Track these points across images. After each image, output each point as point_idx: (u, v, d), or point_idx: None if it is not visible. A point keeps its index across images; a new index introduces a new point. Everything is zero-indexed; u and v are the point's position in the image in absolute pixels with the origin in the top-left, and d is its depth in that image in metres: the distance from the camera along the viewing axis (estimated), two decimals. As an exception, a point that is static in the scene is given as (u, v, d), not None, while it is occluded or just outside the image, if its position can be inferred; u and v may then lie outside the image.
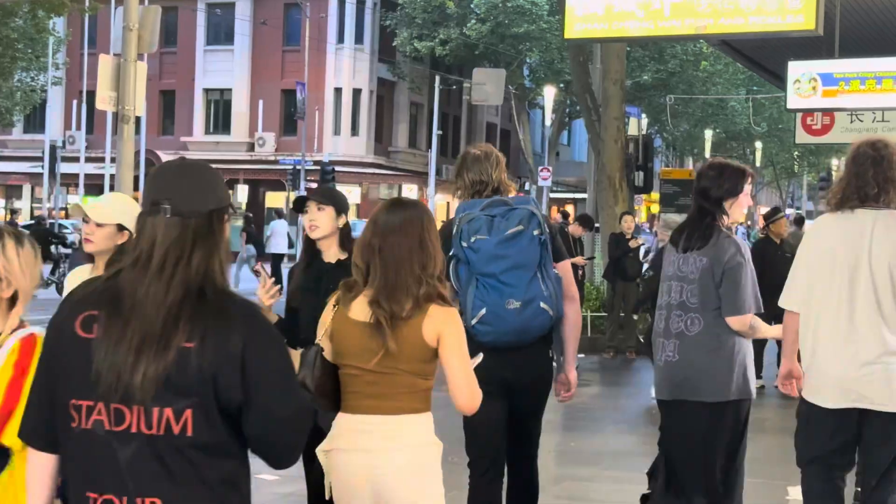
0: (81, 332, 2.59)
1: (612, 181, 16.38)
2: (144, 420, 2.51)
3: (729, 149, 66.37)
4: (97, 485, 2.55)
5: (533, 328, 4.98)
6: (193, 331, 2.51)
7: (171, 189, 2.61)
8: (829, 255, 4.91)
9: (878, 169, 4.84)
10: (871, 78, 12.87)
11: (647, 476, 5.96)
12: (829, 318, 4.88)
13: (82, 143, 46.84)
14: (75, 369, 2.57)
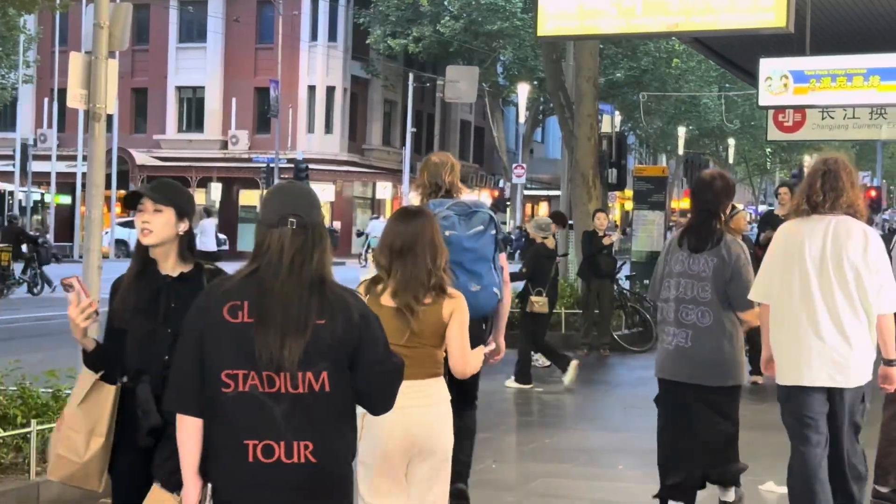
0: (229, 317, 3.35)
1: (586, 178, 16.41)
2: (291, 383, 3.31)
3: (702, 146, 66.67)
4: (256, 433, 3.29)
5: (485, 307, 6.07)
6: (322, 311, 3.35)
7: (295, 206, 3.44)
8: (796, 255, 5.66)
9: (825, 180, 5.64)
10: (841, 75, 12.94)
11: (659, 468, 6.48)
12: (798, 308, 5.64)
13: (54, 141, 46.56)
14: (226, 346, 3.33)
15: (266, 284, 3.38)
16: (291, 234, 3.42)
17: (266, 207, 3.52)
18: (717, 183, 6.24)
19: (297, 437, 3.31)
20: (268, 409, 3.31)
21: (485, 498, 7.03)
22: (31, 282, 24.69)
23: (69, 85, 8.31)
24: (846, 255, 5.58)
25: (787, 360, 5.73)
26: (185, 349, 3.43)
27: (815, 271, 5.62)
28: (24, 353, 10.75)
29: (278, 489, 3.31)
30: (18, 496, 6.16)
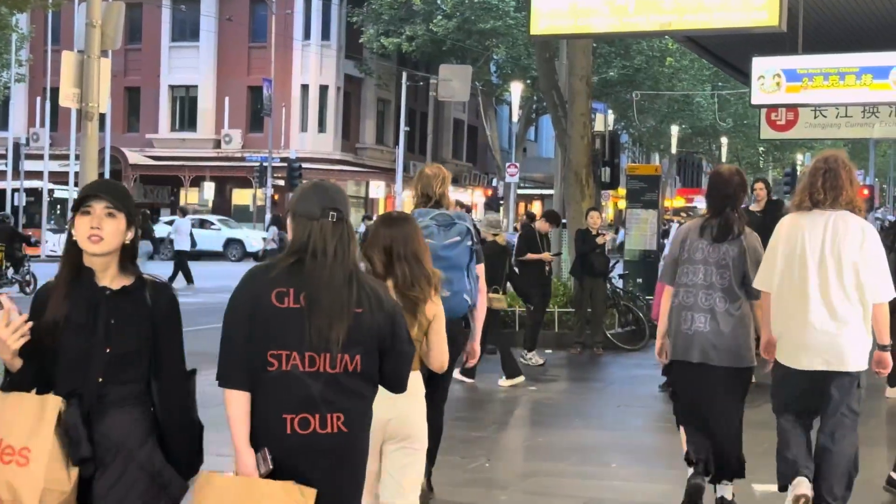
0: (276, 302, 3.66)
1: (579, 177, 16.41)
2: (329, 363, 3.67)
3: (695, 144, 66.73)
4: (294, 408, 3.64)
5: (456, 311, 6.47)
6: (360, 301, 3.70)
7: (333, 201, 3.75)
8: (797, 246, 6.09)
9: (826, 178, 6.08)
10: (834, 74, 12.96)
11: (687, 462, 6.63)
12: (800, 296, 6.07)
13: (46, 140, 46.45)
14: (273, 329, 3.65)
15: (315, 273, 3.69)
16: (332, 226, 3.73)
17: (306, 202, 3.78)
18: (735, 178, 6.64)
19: (330, 410, 3.68)
20: (306, 387, 3.66)
21: (478, 496, 7.04)
22: (23, 281, 24.65)
23: (61, 84, 8.31)
24: (844, 248, 5.99)
25: (786, 343, 6.19)
26: (234, 330, 3.73)
27: (814, 263, 6.03)
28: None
29: (313, 456, 3.66)
30: (11, 496, 6.15)
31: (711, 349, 6.41)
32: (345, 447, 3.73)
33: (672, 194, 71.23)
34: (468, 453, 8.24)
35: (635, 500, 7.18)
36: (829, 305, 6.03)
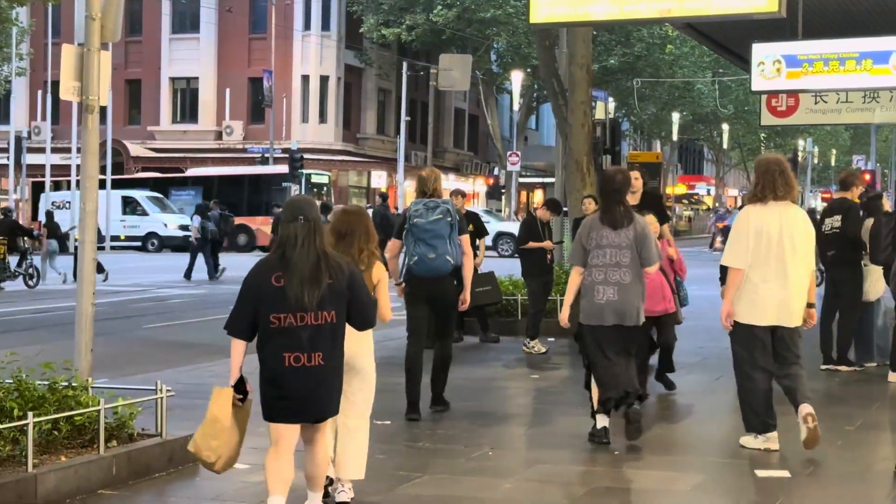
0: (274, 283, 5.60)
1: (580, 165, 16.40)
2: (313, 318, 5.59)
3: (696, 131, 66.67)
4: (290, 349, 5.57)
5: (441, 269, 9.07)
6: (330, 274, 5.61)
7: (302, 210, 5.69)
8: (763, 230, 7.79)
9: (784, 178, 7.89)
10: (834, 59, 12.96)
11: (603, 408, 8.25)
12: (765, 269, 7.79)
13: (48, 133, 46.45)
14: (273, 300, 5.59)
15: (291, 259, 5.61)
16: (301, 227, 5.65)
17: (285, 212, 5.74)
18: (618, 176, 8.46)
19: (313, 350, 5.60)
20: (297, 336, 5.59)
21: (481, 485, 7.06)
22: (26, 274, 24.68)
23: (62, 77, 8.30)
24: (795, 230, 7.84)
25: (746, 305, 7.86)
26: (244, 299, 5.69)
27: (776, 243, 7.78)
28: (20, 345, 10.76)
29: (303, 379, 5.62)
30: (16, 489, 6.18)
31: (621, 313, 8.12)
32: (323, 373, 5.66)
33: (674, 181, 71.16)
34: (471, 442, 8.26)
35: (638, 487, 7.20)
36: (785, 274, 7.78)
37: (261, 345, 5.66)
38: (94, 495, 6.64)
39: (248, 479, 7.15)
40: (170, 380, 8.62)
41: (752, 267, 7.77)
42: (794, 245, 7.79)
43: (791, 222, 7.83)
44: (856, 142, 76.33)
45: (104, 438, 6.87)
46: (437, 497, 6.80)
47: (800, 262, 7.79)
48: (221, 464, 5.87)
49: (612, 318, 8.11)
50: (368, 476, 6.71)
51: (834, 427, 8.93)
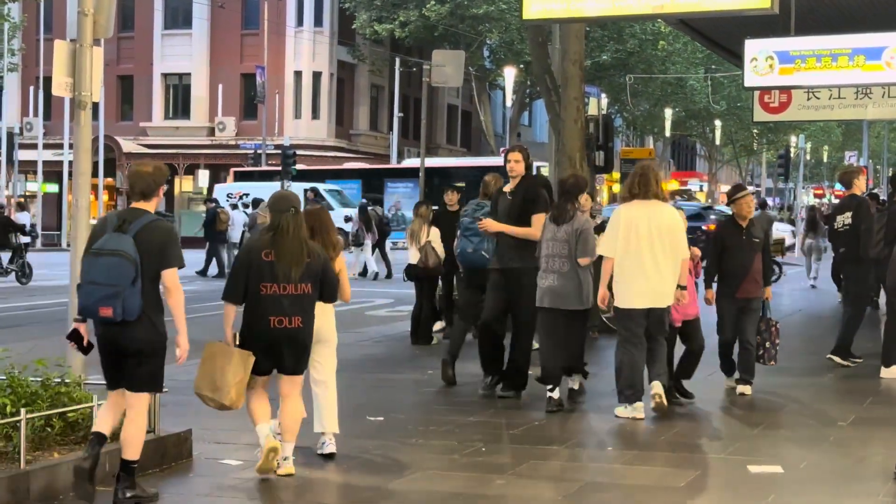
0: (264, 258, 6.93)
1: (573, 161, 16.38)
2: (294, 288, 6.95)
3: (688, 127, 66.67)
4: (275, 313, 6.90)
5: (476, 262, 10.71)
6: (309, 255, 7.02)
7: (291, 202, 7.11)
8: (632, 224, 9.06)
9: (641, 181, 9.15)
10: (826, 55, 12.97)
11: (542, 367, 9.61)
12: (636, 259, 9.02)
13: (40, 129, 46.37)
14: (263, 272, 6.93)
15: (282, 241, 7.00)
16: (291, 215, 7.06)
17: (277, 203, 7.14)
18: (569, 181, 9.83)
19: (293, 314, 6.98)
20: (281, 302, 6.95)
21: (474, 481, 7.07)
22: (19, 271, 24.64)
23: (54, 73, 8.29)
24: (661, 224, 9.04)
25: (624, 291, 9.07)
26: (238, 270, 7.07)
27: (644, 235, 8.99)
28: (12, 341, 10.74)
29: (285, 339, 6.99)
30: (9, 485, 6.17)
31: (561, 297, 9.34)
32: (301, 335, 7.07)
33: (666, 177, 71.17)
34: (464, 438, 8.27)
35: (631, 483, 7.21)
36: (655, 263, 9.00)
37: (249, 310, 6.99)
38: (86, 492, 6.61)
39: (242, 476, 7.15)
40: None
41: (624, 257, 9.03)
42: (661, 236, 8.99)
43: (658, 218, 9.04)
44: (848, 138, 76.39)
45: (97, 435, 6.85)
46: (429, 492, 6.81)
47: (668, 250, 9.00)
48: (231, 399, 6.85)
49: (554, 301, 9.36)
50: (361, 472, 6.71)
51: (826, 423, 8.95)
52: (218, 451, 7.83)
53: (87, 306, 6.23)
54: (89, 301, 6.20)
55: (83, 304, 6.27)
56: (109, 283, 6.13)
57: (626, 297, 9.07)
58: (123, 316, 6.13)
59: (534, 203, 9.63)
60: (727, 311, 10.19)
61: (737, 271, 10.06)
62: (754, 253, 10.13)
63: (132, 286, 6.13)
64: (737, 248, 10.09)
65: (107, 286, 6.13)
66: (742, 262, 10.08)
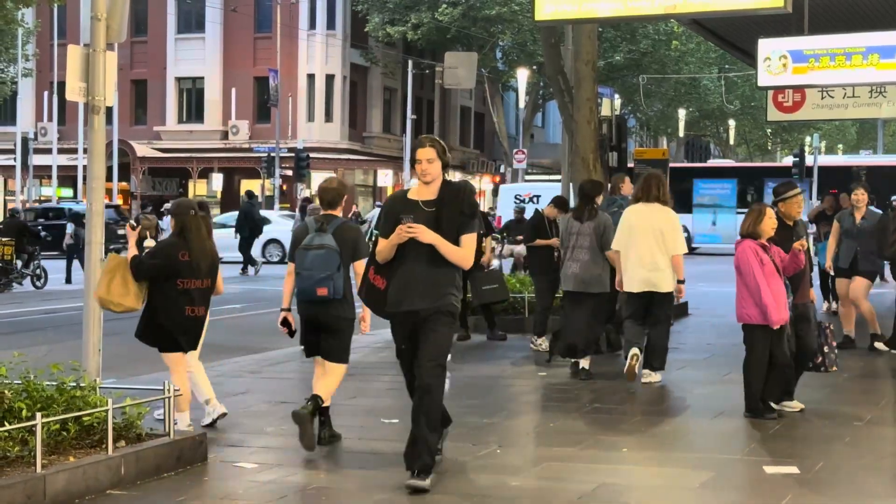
0: (181, 258, 8.16)
1: (586, 162, 16.37)
2: (201, 283, 8.30)
3: (702, 127, 66.57)
4: (189, 304, 8.23)
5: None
6: (211, 252, 8.46)
7: (188, 206, 8.51)
8: (634, 224, 10.75)
9: (657, 185, 10.81)
10: (840, 54, 12.93)
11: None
12: (637, 252, 10.69)
13: (54, 134, 46.52)
14: (181, 269, 8.19)
15: (192, 241, 8.18)
16: (197, 217, 8.24)
17: (179, 208, 8.34)
18: (587, 185, 11.71)
19: (200, 305, 8.25)
20: (192, 294, 8.17)
21: (489, 482, 7.06)
22: (34, 275, 24.73)
23: (68, 78, 8.32)
24: (660, 223, 10.65)
25: (628, 279, 10.79)
26: (151, 263, 8.17)
27: (643, 232, 10.64)
28: (28, 346, 10.80)
29: (193, 325, 8.26)
30: (25, 489, 6.19)
31: (582, 283, 11.14)
32: (202, 320, 8.36)
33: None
34: (479, 440, 8.26)
35: (646, 483, 7.19)
36: (653, 256, 10.61)
37: (165, 302, 8.12)
38: (102, 495, 6.64)
39: (257, 479, 7.16)
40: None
41: (628, 250, 10.73)
42: (657, 234, 10.62)
43: (655, 218, 10.68)
44: (863, 136, 76.20)
45: (112, 438, 6.88)
46: (444, 494, 6.80)
47: (662, 246, 10.61)
48: (128, 306, 8.15)
49: (577, 286, 11.19)
50: (376, 475, 6.71)
51: (842, 423, 8.92)
52: (233, 454, 7.85)
53: (306, 288, 7.85)
54: (308, 284, 7.84)
55: (302, 287, 7.88)
56: (323, 270, 7.76)
57: (628, 283, 10.83)
58: (333, 294, 7.78)
59: (470, 218, 6.96)
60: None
61: (792, 276, 9.25)
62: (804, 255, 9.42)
63: (338, 272, 7.79)
64: (787, 252, 9.20)
65: (321, 272, 7.77)
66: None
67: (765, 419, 8.81)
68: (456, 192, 6.98)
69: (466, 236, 6.87)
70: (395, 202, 7.09)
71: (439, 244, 6.76)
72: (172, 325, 8.19)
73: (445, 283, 6.83)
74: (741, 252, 8.87)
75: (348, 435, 8.32)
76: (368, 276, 7.02)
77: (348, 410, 9.24)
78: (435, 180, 6.99)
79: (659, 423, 9.09)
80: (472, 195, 7.10)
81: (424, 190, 7.01)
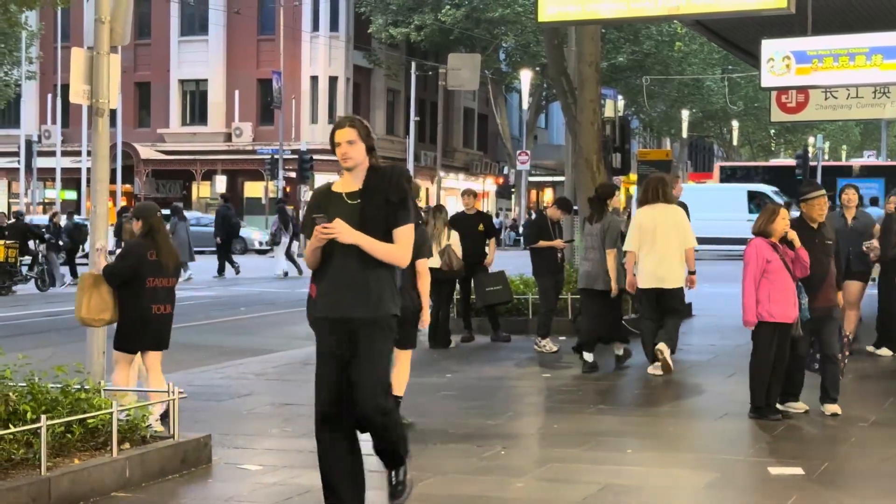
0: (149, 258, 8.36)
1: (590, 163, 16.37)
2: (168, 282, 8.47)
3: (706, 128, 66.54)
4: (156, 302, 8.37)
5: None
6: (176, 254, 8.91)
7: (154, 209, 8.83)
8: (644, 224, 11.33)
9: (660, 187, 11.46)
10: (844, 55, 12.91)
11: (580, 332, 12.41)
12: (647, 251, 11.28)
13: (58, 137, 46.56)
14: (150, 269, 8.35)
15: (158, 241, 8.43)
16: (158, 219, 8.57)
17: (146, 211, 8.58)
18: (599, 189, 12.49)
19: (166, 303, 8.43)
20: (160, 293, 8.37)
21: (494, 484, 7.06)
22: (38, 278, 24.74)
23: (71, 81, 8.32)
24: (668, 222, 11.27)
25: (642, 276, 11.36)
26: (126, 265, 8.34)
27: (653, 232, 11.22)
28: (32, 348, 10.80)
29: (162, 322, 8.45)
30: (30, 491, 6.19)
31: (593, 279, 11.82)
32: (170, 318, 8.53)
33: (684, 179, 71.01)
34: (483, 441, 8.26)
35: (651, 484, 7.19)
36: (664, 253, 11.21)
37: (134, 300, 8.27)
38: (107, 498, 6.65)
39: (262, 481, 7.16)
40: (181, 381, 8.64)
41: (640, 250, 11.32)
42: (667, 232, 11.20)
43: (663, 217, 11.29)
44: (866, 137, 76.13)
45: (117, 441, 6.88)
46: (449, 496, 6.80)
47: (673, 243, 11.21)
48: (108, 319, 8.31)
49: (590, 282, 11.89)
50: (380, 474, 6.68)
51: (847, 423, 8.91)
52: (237, 456, 7.85)
53: None
54: None
55: None
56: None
57: (641, 280, 11.42)
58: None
59: (399, 208, 5.90)
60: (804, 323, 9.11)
61: (813, 278, 9.04)
62: (829, 257, 9.24)
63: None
64: (811, 253, 8.98)
65: None
66: (819, 269, 9.09)
67: (769, 420, 8.80)
68: (381, 179, 5.97)
69: (399, 230, 5.80)
70: (318, 197, 6.13)
71: (363, 243, 5.75)
72: (142, 323, 8.32)
73: (380, 288, 5.78)
74: (746, 250, 8.91)
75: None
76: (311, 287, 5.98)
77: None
78: (358, 167, 6.04)
79: (663, 424, 9.08)
80: (402, 180, 6.02)
81: (349, 180, 6.06)
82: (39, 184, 46.88)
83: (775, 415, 8.90)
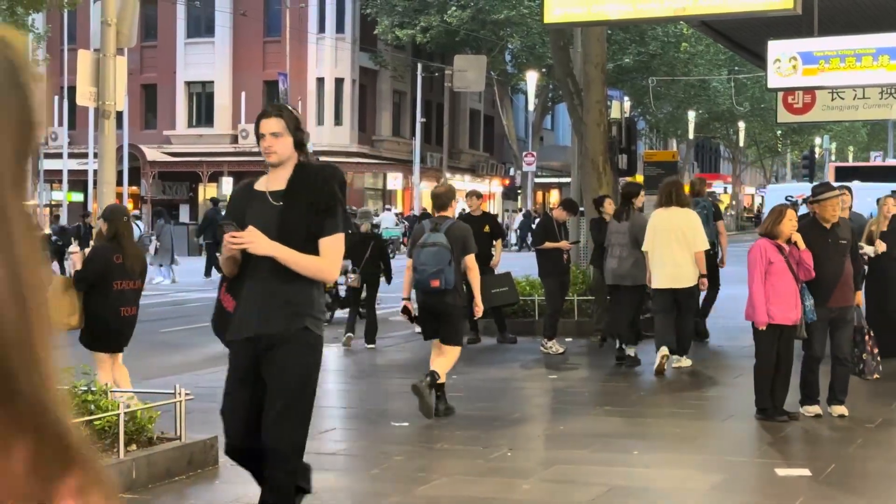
0: (115, 261, 8.44)
1: (596, 165, 16.36)
2: (133, 284, 8.59)
3: (712, 129, 66.46)
4: (123, 304, 8.50)
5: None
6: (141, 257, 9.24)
7: (122, 212, 8.93)
8: (658, 227, 11.76)
9: (674, 191, 11.97)
10: (850, 55, 12.90)
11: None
12: (660, 252, 11.69)
13: (65, 139, 46.61)
14: (115, 272, 8.45)
15: (126, 246, 8.51)
16: (125, 223, 8.56)
17: (114, 213, 8.56)
18: (625, 188, 13.03)
19: (133, 305, 8.54)
20: (127, 295, 8.43)
21: (500, 485, 7.06)
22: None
23: (78, 83, 8.35)
24: (682, 225, 11.64)
25: (656, 275, 11.77)
26: (92, 269, 8.41)
27: (671, 233, 11.60)
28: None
29: (127, 323, 8.55)
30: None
31: (620, 277, 12.30)
32: (134, 319, 8.62)
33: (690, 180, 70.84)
34: (490, 443, 8.26)
35: (657, 486, 7.18)
36: (675, 255, 11.59)
37: (103, 302, 8.35)
38: (114, 499, 6.64)
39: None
40: (188, 383, 8.64)
41: (654, 251, 11.77)
42: (678, 234, 11.63)
43: (678, 220, 11.69)
44: (873, 138, 75.96)
45: (124, 442, 6.90)
46: (455, 498, 6.80)
47: (685, 245, 11.63)
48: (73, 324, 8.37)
49: (616, 279, 12.40)
50: (387, 477, 6.70)
51: (854, 425, 8.89)
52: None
53: (422, 281, 9.01)
54: (423, 277, 9.00)
55: (419, 280, 9.06)
56: (436, 265, 8.90)
57: (655, 280, 11.87)
58: (445, 286, 8.86)
59: (326, 216, 5.19)
60: (817, 324, 9.02)
61: (827, 278, 8.96)
62: (843, 257, 9.14)
63: (449, 266, 8.92)
64: (823, 254, 8.95)
65: (434, 266, 8.90)
66: (832, 269, 9.00)
67: (776, 421, 8.79)
68: (308, 179, 5.21)
69: (326, 240, 5.11)
70: (238, 196, 5.53)
71: (280, 255, 5.06)
72: (108, 325, 8.49)
73: (298, 303, 5.09)
74: (751, 251, 8.91)
75: (357, 438, 8.32)
76: (220, 294, 5.39)
77: (356, 414, 9.24)
78: (285, 163, 5.33)
79: (670, 426, 9.08)
80: (332, 181, 5.27)
81: (275, 177, 5.34)
82: (46, 186, 46.94)
83: (781, 416, 8.89)
